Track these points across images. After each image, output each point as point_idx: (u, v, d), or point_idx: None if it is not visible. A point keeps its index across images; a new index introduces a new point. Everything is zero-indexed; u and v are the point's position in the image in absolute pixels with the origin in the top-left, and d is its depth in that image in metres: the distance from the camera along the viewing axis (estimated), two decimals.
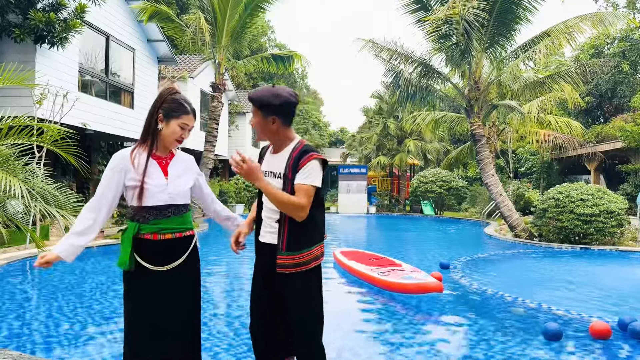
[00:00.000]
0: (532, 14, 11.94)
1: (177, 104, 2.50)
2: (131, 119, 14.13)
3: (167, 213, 2.45)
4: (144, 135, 2.50)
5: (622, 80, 22.50)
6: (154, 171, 2.45)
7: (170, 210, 2.46)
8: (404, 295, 5.73)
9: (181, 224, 2.50)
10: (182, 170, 2.57)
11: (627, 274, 8.31)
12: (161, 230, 2.43)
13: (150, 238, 2.42)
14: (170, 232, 2.45)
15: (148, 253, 2.42)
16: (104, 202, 2.41)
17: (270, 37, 42.03)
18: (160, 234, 2.43)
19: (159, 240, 2.43)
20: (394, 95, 14.59)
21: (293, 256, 2.48)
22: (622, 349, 4.15)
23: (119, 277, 7.06)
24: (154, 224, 2.42)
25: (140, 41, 14.63)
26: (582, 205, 10.84)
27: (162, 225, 2.43)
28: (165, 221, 2.44)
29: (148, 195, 2.40)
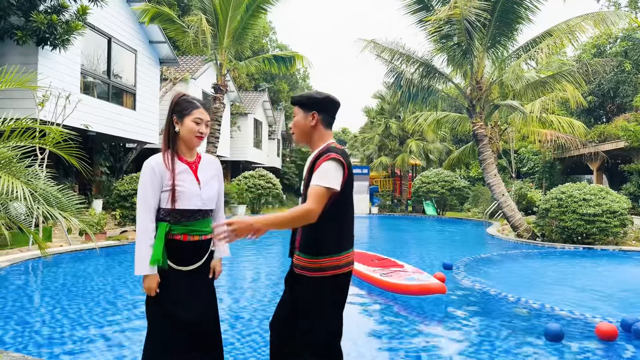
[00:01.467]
0: (534, 14, 11.93)
1: (186, 102, 2.61)
2: (133, 120, 14.15)
3: (197, 216, 2.54)
4: (165, 143, 2.60)
5: (624, 79, 22.45)
6: (187, 177, 2.55)
7: (200, 214, 2.56)
8: (407, 297, 5.72)
9: (207, 227, 2.60)
10: (210, 175, 2.65)
11: (630, 274, 8.28)
12: (191, 232, 2.52)
13: (180, 239, 2.50)
14: (198, 235, 2.55)
15: (175, 253, 2.50)
16: (151, 205, 2.51)
17: (272, 37, 42.06)
18: (190, 236, 2.52)
19: (187, 241, 2.52)
20: (396, 95, 14.60)
21: (305, 259, 2.41)
22: (627, 350, 4.13)
23: (122, 278, 7.07)
24: (185, 225, 2.51)
25: (142, 42, 14.65)
26: (584, 205, 10.81)
27: (192, 227, 2.52)
28: (195, 223, 2.53)
29: (183, 198, 2.49)
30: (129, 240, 10.57)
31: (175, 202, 2.46)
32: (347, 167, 2.40)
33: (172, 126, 2.58)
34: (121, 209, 11.16)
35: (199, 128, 2.57)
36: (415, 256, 9.89)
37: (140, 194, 2.51)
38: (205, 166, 2.65)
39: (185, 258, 2.52)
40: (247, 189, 21.30)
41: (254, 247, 10.53)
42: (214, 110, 13.20)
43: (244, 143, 26.71)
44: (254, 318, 5.03)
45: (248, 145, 26.99)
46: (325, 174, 2.32)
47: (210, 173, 2.65)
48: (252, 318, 5.03)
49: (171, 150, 2.56)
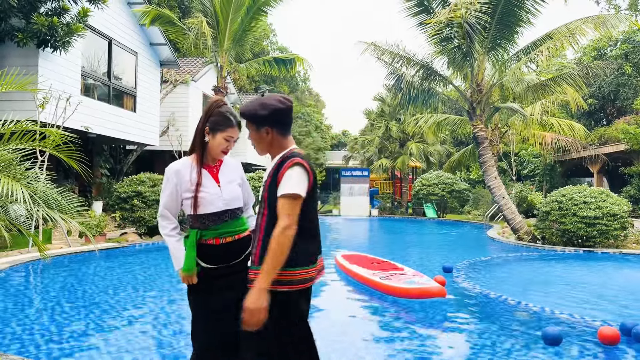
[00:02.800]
0: (535, 17, 11.93)
1: (222, 117, 2.60)
2: (133, 122, 14.16)
3: (225, 218, 2.57)
4: (192, 147, 2.64)
5: (624, 82, 22.46)
6: (207, 182, 2.58)
7: (227, 214, 2.58)
8: (407, 300, 5.70)
9: (239, 226, 2.63)
10: (231, 177, 2.67)
11: (630, 278, 8.26)
12: (222, 234, 2.56)
13: (212, 243, 2.55)
14: (231, 235, 2.58)
15: (209, 256, 2.55)
16: (172, 211, 2.61)
17: (272, 39, 42.12)
18: (222, 238, 2.56)
19: (220, 244, 2.56)
20: (396, 98, 14.59)
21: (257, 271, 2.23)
22: (627, 354, 4.12)
23: (122, 280, 7.06)
24: (214, 229, 2.55)
25: (142, 45, 14.67)
26: (585, 208, 10.79)
27: (222, 229, 2.56)
28: (224, 225, 2.57)
29: (204, 203, 2.52)
30: (129, 242, 10.56)
31: (198, 209, 2.51)
32: (312, 174, 2.29)
33: (203, 135, 2.59)
34: (121, 211, 11.15)
35: (227, 145, 2.61)
36: (415, 259, 9.87)
37: (160, 199, 2.64)
38: (225, 168, 2.68)
39: (219, 260, 2.56)
40: None
41: None
42: None
43: (244, 145, 26.70)
44: None
45: (248, 147, 26.98)
46: (289, 181, 2.20)
47: (231, 175, 2.68)
48: None
49: (200, 157, 2.59)
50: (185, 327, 4.77)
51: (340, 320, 5.23)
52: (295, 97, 42.97)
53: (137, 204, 11.06)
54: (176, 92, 18.40)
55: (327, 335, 4.44)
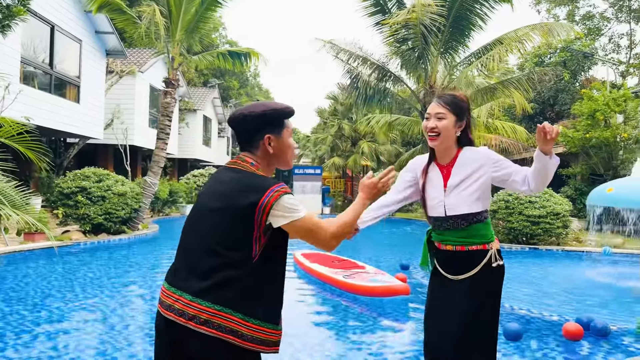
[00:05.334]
0: (485, 22, 12.35)
1: None
2: (76, 114, 13.42)
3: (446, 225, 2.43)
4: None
5: (563, 88, 23.71)
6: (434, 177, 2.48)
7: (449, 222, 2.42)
8: (369, 298, 5.71)
9: (463, 238, 2.41)
10: (464, 176, 2.39)
11: (575, 273, 8.69)
12: (443, 241, 2.46)
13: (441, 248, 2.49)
14: (451, 244, 2.43)
15: (438, 259, 2.51)
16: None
17: (222, 33, 41.30)
18: (443, 244, 2.46)
19: (441, 249, 2.48)
20: (351, 96, 14.66)
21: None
22: (583, 346, 4.29)
23: (66, 281, 6.63)
24: (438, 234, 2.48)
25: (87, 32, 13.92)
26: (530, 207, 11.28)
27: (444, 237, 2.46)
28: (445, 233, 2.45)
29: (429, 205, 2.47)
30: (73, 240, 9.99)
31: (425, 209, 2.56)
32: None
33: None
34: (64, 208, 10.51)
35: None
36: (370, 257, 9.93)
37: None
38: (459, 166, 2.45)
39: (444, 265, 2.51)
40: (196, 188, 20.73)
41: None
42: (165, 105, 12.72)
43: (192, 140, 26.04)
44: None
45: (197, 142, 26.34)
46: None
47: (464, 172, 2.45)
48: None
49: (430, 154, 2.53)
50: (131, 337, 4.55)
51: (304, 318, 5.15)
52: (245, 92, 42.39)
53: (81, 200, 10.48)
54: (122, 84, 17.60)
55: (292, 333, 4.35)
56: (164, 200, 17.99)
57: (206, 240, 1.78)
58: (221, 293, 1.70)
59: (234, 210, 1.74)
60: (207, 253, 1.75)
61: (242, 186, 1.78)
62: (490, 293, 2.37)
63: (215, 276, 1.72)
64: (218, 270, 1.72)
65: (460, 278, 2.36)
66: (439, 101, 2.38)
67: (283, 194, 1.75)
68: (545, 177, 2.27)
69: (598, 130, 15.40)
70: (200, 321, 1.69)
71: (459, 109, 2.37)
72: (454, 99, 2.38)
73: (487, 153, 2.40)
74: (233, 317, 1.69)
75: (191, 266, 1.79)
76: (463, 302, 2.33)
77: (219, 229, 1.76)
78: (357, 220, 2.10)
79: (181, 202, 19.77)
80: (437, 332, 2.39)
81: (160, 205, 18.30)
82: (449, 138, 2.37)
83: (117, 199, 10.90)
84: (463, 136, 2.41)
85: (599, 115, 15.37)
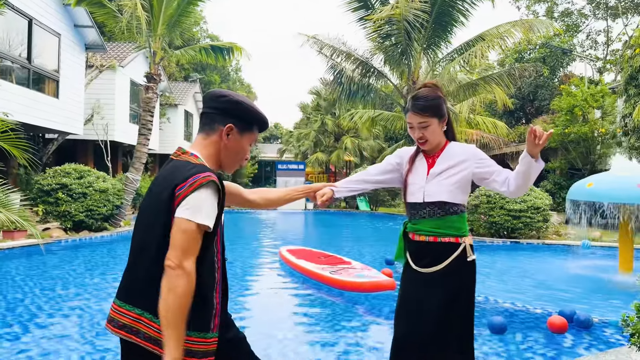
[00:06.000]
0: (467, 18, 12.46)
1: None
2: (55, 109, 13.16)
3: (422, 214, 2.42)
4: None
5: (542, 84, 24.09)
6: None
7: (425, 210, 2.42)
8: (356, 294, 5.75)
9: (437, 228, 2.38)
10: (448, 166, 2.42)
11: (555, 266, 8.87)
12: (417, 231, 2.44)
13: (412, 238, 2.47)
14: (425, 235, 2.41)
15: (411, 252, 2.48)
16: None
17: (202, 27, 40.81)
18: (417, 235, 2.44)
19: (414, 240, 2.45)
20: (335, 92, 14.66)
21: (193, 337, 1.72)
22: (566, 338, 4.40)
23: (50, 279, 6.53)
24: (413, 223, 2.46)
25: (66, 26, 13.64)
26: (511, 201, 11.46)
27: (418, 226, 2.43)
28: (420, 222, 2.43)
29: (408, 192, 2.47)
30: (54, 238, 9.83)
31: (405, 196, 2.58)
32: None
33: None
34: (44, 205, 10.32)
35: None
36: (355, 252, 9.99)
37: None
38: (445, 157, 2.49)
39: (415, 258, 2.49)
40: None
41: None
42: (147, 100, 12.55)
43: (173, 135, 25.74)
44: None
45: (178, 137, 26.04)
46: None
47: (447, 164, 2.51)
48: None
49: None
50: None
51: (289, 314, 5.17)
52: (227, 87, 42.04)
53: (62, 197, 10.31)
54: (102, 78, 17.29)
55: (279, 327, 4.37)
56: None
57: (136, 240, 1.70)
58: (142, 296, 1.59)
59: (158, 205, 1.61)
60: (134, 254, 1.69)
61: (166, 178, 1.65)
62: (463, 287, 2.37)
63: (137, 278, 1.63)
64: (141, 272, 1.63)
65: (431, 271, 2.34)
66: (417, 111, 2.35)
67: (200, 186, 1.57)
68: (527, 180, 2.30)
69: (576, 126, 15.71)
70: (118, 325, 1.59)
71: (438, 109, 2.36)
72: (430, 103, 2.35)
73: (474, 150, 2.43)
74: (153, 324, 1.55)
75: (126, 268, 1.73)
76: (435, 295, 2.31)
77: (146, 226, 1.67)
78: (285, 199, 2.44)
79: None
80: (408, 328, 2.37)
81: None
82: (438, 137, 2.40)
83: (98, 195, 10.75)
84: (448, 127, 2.44)
85: (577, 111, 15.68)
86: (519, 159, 2.26)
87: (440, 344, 2.29)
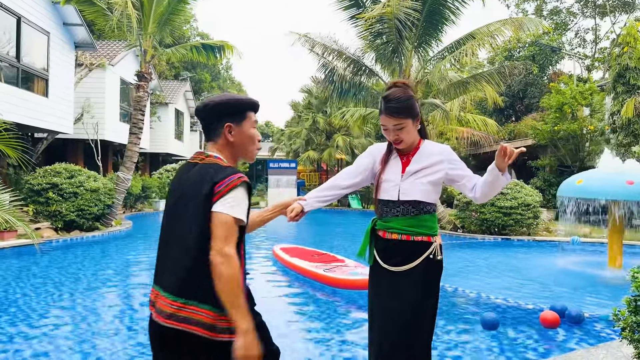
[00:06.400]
0: (457, 17, 12.51)
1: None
2: (45, 108, 13.04)
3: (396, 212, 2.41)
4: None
5: (532, 82, 24.27)
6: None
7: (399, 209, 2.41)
8: (349, 291, 5.77)
9: (410, 227, 2.37)
10: (423, 166, 2.41)
11: (546, 262, 8.96)
12: (388, 229, 2.41)
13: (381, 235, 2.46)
14: (397, 233, 2.38)
15: (379, 250, 2.46)
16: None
17: (193, 25, 40.61)
18: (388, 233, 2.41)
19: (385, 238, 2.43)
20: (325, 90, 14.66)
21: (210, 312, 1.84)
22: (558, 333, 4.46)
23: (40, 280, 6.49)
24: (385, 221, 2.44)
25: (55, 24, 13.50)
26: (502, 198, 11.57)
27: (390, 224, 2.41)
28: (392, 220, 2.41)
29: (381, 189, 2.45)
30: (45, 238, 9.76)
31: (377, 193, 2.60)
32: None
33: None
34: (35, 205, 10.24)
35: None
36: (347, 250, 10.01)
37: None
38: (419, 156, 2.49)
39: (385, 255, 2.47)
40: (169, 183, 20.41)
41: None
42: (138, 99, 12.48)
43: (164, 134, 25.60)
44: None
45: (169, 136, 25.91)
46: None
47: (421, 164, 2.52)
48: None
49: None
50: (108, 337, 4.50)
51: (284, 311, 5.19)
52: (217, 85, 41.88)
53: (52, 197, 10.23)
54: (92, 77, 17.15)
55: (274, 326, 4.38)
56: (136, 196, 17.70)
57: (170, 233, 1.86)
58: (185, 286, 1.75)
59: (195, 200, 1.78)
60: (178, 247, 1.80)
61: (203, 178, 1.80)
62: (433, 285, 2.36)
63: (176, 268, 1.78)
64: (179, 263, 1.78)
65: (402, 269, 2.32)
66: (391, 114, 2.33)
67: (237, 185, 1.78)
68: (492, 190, 2.34)
69: (566, 123, 15.86)
70: (166, 315, 1.74)
71: (411, 109, 2.35)
72: (403, 104, 2.33)
73: (449, 151, 2.45)
74: (200, 310, 1.73)
75: (163, 260, 1.87)
76: (406, 293, 2.28)
77: (181, 220, 1.82)
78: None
79: (154, 197, 19.49)
80: (382, 329, 2.35)
81: (133, 201, 18.00)
82: (412, 137, 2.40)
83: (89, 195, 10.68)
84: (421, 125, 2.45)
85: (566, 108, 15.83)
86: (487, 167, 2.29)
87: (411, 341, 2.28)
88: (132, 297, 5.94)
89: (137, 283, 6.72)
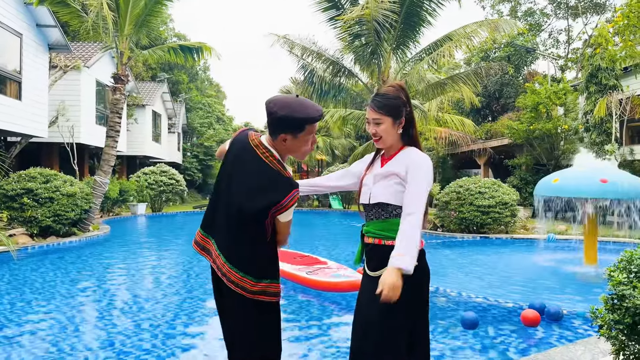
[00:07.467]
0: (434, 18, 12.66)
1: None
2: (17, 111, 12.73)
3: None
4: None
5: (507, 82, 24.69)
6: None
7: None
8: (332, 294, 5.79)
9: (381, 230, 2.37)
10: (392, 172, 2.38)
11: (524, 260, 9.14)
12: (367, 233, 2.45)
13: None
14: (372, 237, 2.41)
15: (365, 254, 2.52)
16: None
17: (170, 26, 40.15)
18: (367, 237, 2.45)
19: (366, 242, 2.47)
20: (305, 91, 14.66)
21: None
22: (537, 330, 4.55)
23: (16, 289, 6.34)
24: (365, 225, 2.50)
25: (28, 26, 13.20)
26: (480, 197, 11.74)
27: (367, 228, 2.46)
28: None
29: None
30: (20, 244, 9.53)
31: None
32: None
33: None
34: (9, 211, 9.99)
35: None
36: (329, 251, 10.04)
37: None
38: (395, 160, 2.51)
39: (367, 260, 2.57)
40: (147, 186, 20.16)
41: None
42: (114, 102, 12.28)
43: (141, 137, 25.24)
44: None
45: (146, 139, 25.56)
46: None
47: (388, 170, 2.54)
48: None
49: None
50: (86, 343, 4.43)
51: None
52: (195, 86, 41.48)
53: (27, 202, 10.00)
54: (66, 79, 16.82)
55: None
56: (114, 200, 17.42)
57: (236, 212, 2.17)
58: (246, 263, 2.18)
59: (261, 200, 2.11)
60: (230, 222, 2.18)
61: (269, 182, 2.13)
62: (408, 293, 2.17)
63: (239, 249, 2.19)
64: (241, 245, 2.18)
65: (377, 274, 2.24)
66: (373, 106, 2.34)
67: (296, 199, 2.17)
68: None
69: (541, 122, 16.18)
70: (221, 273, 2.20)
71: (394, 109, 2.32)
72: (386, 101, 2.32)
73: (417, 166, 2.29)
74: (254, 282, 2.17)
75: (216, 217, 2.27)
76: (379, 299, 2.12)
77: (248, 210, 2.13)
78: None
79: (132, 200, 19.21)
80: (354, 334, 2.35)
81: (110, 205, 17.72)
82: (391, 138, 2.37)
83: (66, 200, 10.48)
84: (404, 133, 2.39)
85: (541, 108, 16.15)
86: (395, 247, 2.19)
87: (378, 352, 2.23)
88: (110, 303, 5.84)
89: (115, 288, 6.62)
